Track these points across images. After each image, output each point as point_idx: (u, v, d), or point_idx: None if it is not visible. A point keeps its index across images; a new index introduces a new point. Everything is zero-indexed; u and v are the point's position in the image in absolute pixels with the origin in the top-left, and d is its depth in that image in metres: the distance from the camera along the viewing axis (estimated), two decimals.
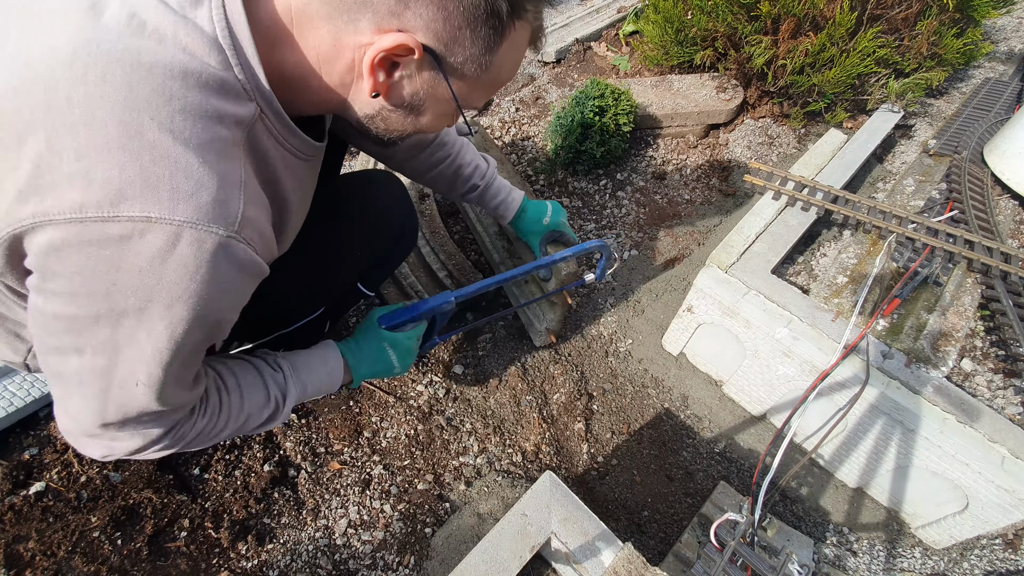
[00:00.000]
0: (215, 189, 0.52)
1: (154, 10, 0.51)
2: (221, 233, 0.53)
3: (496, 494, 1.27)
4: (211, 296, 0.56)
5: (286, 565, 1.12)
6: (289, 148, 0.67)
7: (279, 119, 0.62)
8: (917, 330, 1.29)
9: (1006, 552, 1.25)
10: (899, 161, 2.10)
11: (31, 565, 1.00)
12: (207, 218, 0.52)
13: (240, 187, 0.56)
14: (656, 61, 2.45)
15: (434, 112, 0.69)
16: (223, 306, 0.60)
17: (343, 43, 0.58)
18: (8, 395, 1.19)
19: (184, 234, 0.51)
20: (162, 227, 0.50)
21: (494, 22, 0.59)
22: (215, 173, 0.52)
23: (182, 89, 0.50)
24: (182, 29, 0.51)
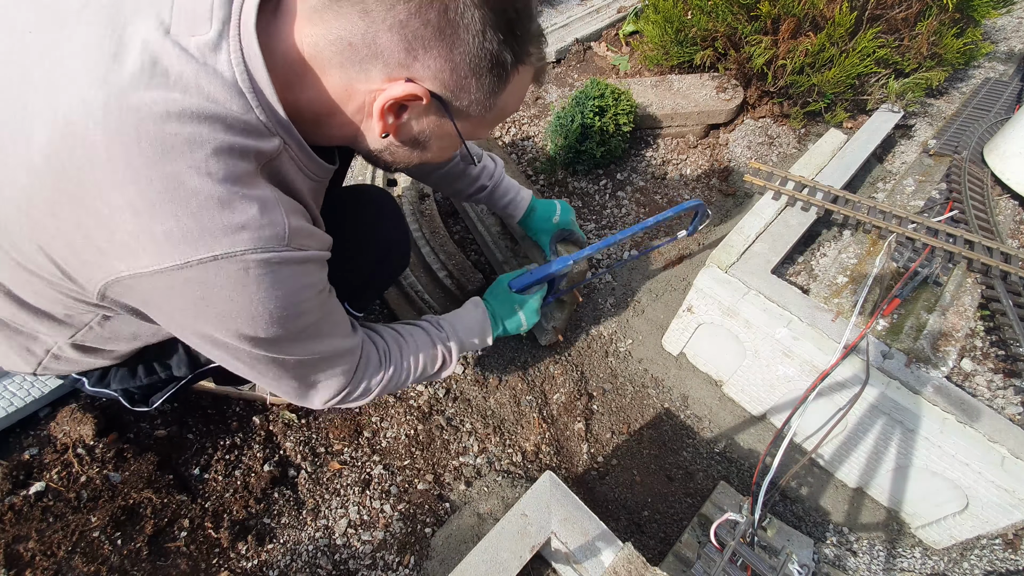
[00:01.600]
0: (259, 215, 0.57)
1: (176, 58, 0.52)
2: (278, 250, 0.59)
3: (496, 494, 1.27)
4: (295, 292, 0.64)
5: (286, 565, 1.12)
6: (308, 173, 0.70)
7: (300, 148, 0.66)
8: (917, 330, 1.29)
9: (1006, 552, 1.25)
10: (899, 161, 2.10)
11: (31, 565, 1.00)
12: (263, 241, 0.57)
13: (278, 204, 0.60)
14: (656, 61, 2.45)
15: (439, 146, 0.73)
16: (309, 293, 0.67)
17: (355, 88, 0.61)
18: (8, 395, 1.19)
19: (250, 260, 0.57)
20: (230, 261, 0.56)
21: (499, 71, 0.62)
22: (255, 200, 0.57)
23: (211, 133, 0.53)
24: (204, 78, 0.53)
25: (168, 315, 0.63)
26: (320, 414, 1.35)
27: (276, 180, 0.63)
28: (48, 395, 1.23)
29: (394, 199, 1.18)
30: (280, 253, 0.59)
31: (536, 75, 0.70)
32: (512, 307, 1.15)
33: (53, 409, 1.23)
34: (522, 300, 1.16)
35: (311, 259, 0.65)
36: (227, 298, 0.58)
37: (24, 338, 0.77)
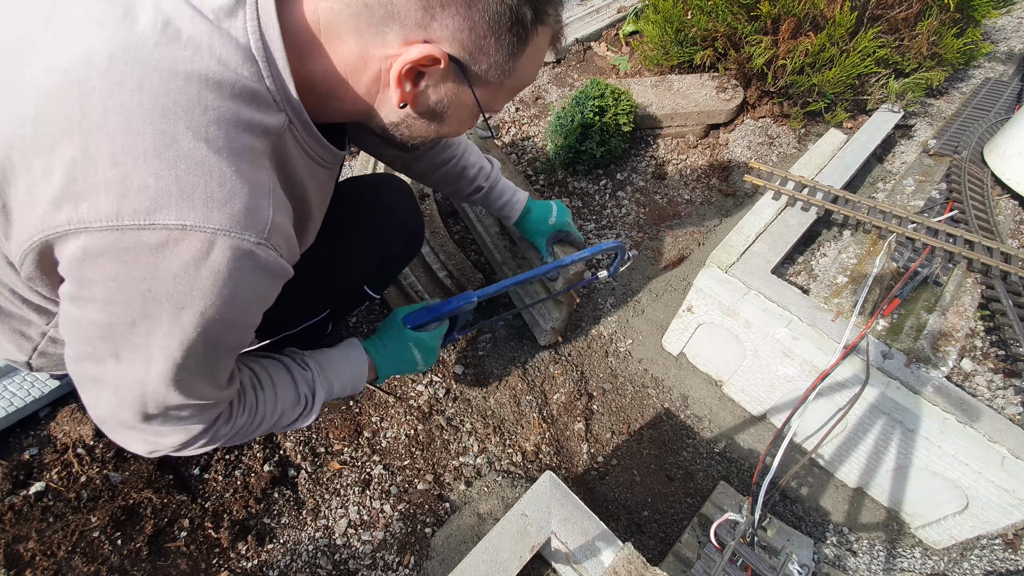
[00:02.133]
0: (247, 197, 0.53)
1: (189, 19, 0.51)
2: (252, 240, 0.54)
3: (496, 494, 1.27)
4: (243, 299, 0.58)
5: (286, 565, 1.12)
6: (314, 157, 0.68)
7: (306, 129, 0.63)
8: (917, 330, 1.29)
9: (1006, 552, 1.25)
10: (899, 161, 2.10)
11: (31, 565, 1.00)
12: (240, 226, 0.53)
13: (269, 195, 0.57)
14: (656, 61, 2.45)
15: (457, 118, 0.70)
16: (252, 308, 0.62)
17: (370, 54, 0.59)
18: (8, 395, 1.19)
19: (218, 241, 0.52)
20: (197, 235, 0.51)
21: (518, 29, 0.59)
22: (247, 181, 0.53)
23: (216, 99, 0.51)
24: (217, 40, 0.52)
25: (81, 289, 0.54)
26: (321, 413, 1.35)
27: (279, 162, 0.61)
28: (48, 395, 1.23)
29: (408, 185, 1.19)
30: (252, 244, 0.54)
31: (553, 38, 0.67)
32: (406, 345, 1.03)
33: (53, 409, 1.24)
34: (418, 339, 1.03)
35: (277, 270, 0.59)
36: (172, 275, 0.52)
37: (18, 322, 0.74)
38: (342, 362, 0.96)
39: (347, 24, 0.57)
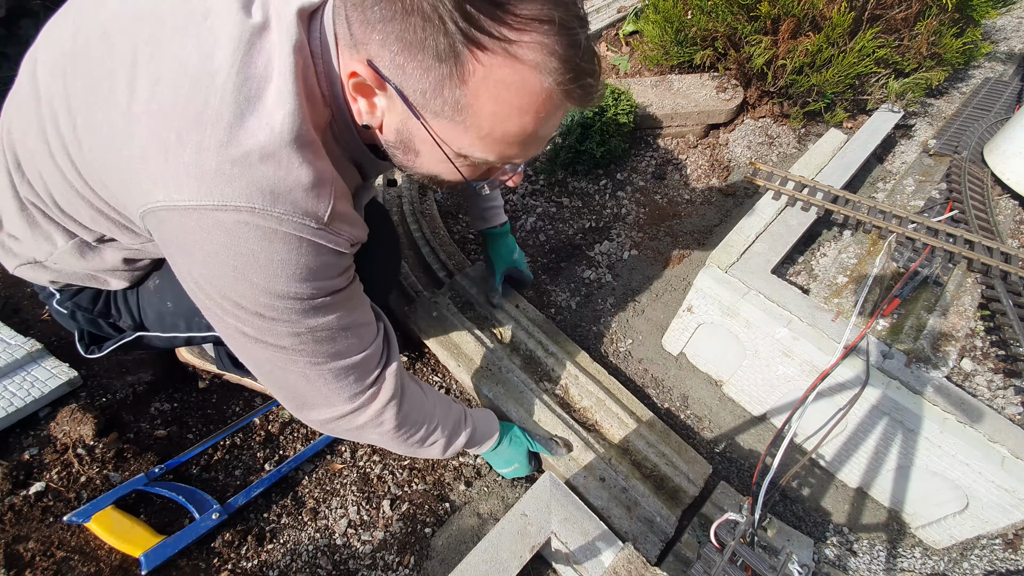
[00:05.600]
0: (309, 185, 0.58)
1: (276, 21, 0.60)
2: (312, 225, 0.59)
3: (496, 494, 1.27)
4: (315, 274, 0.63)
5: (286, 565, 1.12)
6: (353, 157, 0.72)
7: (343, 123, 0.67)
8: (917, 330, 1.29)
9: (1006, 552, 1.25)
10: (899, 161, 2.10)
11: (31, 565, 1.00)
12: (301, 212, 0.58)
13: (332, 183, 0.61)
14: (656, 61, 2.45)
15: (430, 156, 0.64)
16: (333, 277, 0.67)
17: (345, 70, 0.61)
18: (8, 395, 1.19)
19: (284, 225, 0.57)
20: (264, 217, 0.56)
21: (435, 50, 0.51)
22: (312, 170, 0.58)
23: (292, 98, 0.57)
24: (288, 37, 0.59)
25: (189, 258, 0.62)
26: None
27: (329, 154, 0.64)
28: (48, 395, 1.23)
29: (386, 211, 1.19)
30: (314, 229, 0.59)
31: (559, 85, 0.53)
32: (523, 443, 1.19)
33: (53, 409, 1.24)
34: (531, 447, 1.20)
35: (339, 248, 0.64)
36: (250, 252, 0.58)
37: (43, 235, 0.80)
38: (481, 413, 1.12)
39: (342, 40, 0.60)
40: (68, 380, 1.25)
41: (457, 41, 0.50)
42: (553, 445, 1.21)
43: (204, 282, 0.63)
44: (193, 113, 0.54)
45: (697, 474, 1.23)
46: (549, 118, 0.58)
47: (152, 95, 0.56)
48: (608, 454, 1.24)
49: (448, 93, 0.54)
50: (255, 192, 0.55)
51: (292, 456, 1.26)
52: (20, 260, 0.85)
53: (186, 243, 0.59)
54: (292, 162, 0.57)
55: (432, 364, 1.51)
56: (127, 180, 0.59)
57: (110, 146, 0.58)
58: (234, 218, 0.56)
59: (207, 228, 0.57)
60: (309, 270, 0.62)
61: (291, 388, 0.76)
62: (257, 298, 0.62)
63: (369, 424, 0.82)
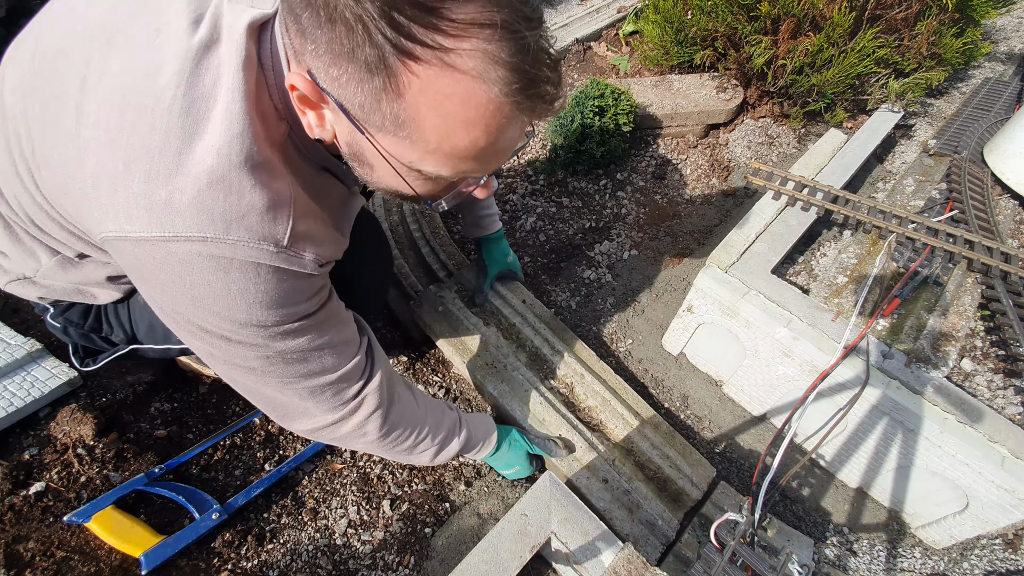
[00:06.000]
0: (263, 209, 0.56)
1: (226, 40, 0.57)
2: (271, 249, 0.57)
3: (496, 494, 1.27)
4: (280, 300, 0.61)
5: (286, 565, 1.12)
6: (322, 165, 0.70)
7: (300, 135, 0.63)
8: (917, 330, 1.29)
9: (1006, 552, 1.25)
10: (899, 161, 2.10)
11: (31, 565, 1.00)
12: (257, 236, 0.56)
13: (289, 205, 0.59)
14: (656, 61, 2.45)
15: (383, 171, 0.59)
16: (301, 302, 0.65)
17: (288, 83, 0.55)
18: (8, 395, 1.19)
19: (239, 251, 0.55)
20: (217, 245, 0.54)
21: (365, 61, 0.46)
22: (265, 194, 0.56)
23: (239, 115, 0.54)
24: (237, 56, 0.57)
25: (148, 285, 0.62)
26: None
27: (292, 170, 0.62)
28: (48, 395, 1.23)
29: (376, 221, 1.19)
30: (273, 253, 0.57)
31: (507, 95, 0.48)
32: (521, 444, 1.19)
33: (53, 409, 1.23)
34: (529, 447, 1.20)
35: (298, 271, 0.61)
36: (205, 282, 0.57)
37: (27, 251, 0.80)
38: (477, 418, 1.10)
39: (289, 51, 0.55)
40: (68, 380, 1.25)
41: (387, 52, 0.45)
42: (552, 447, 1.21)
43: (167, 308, 0.63)
44: (139, 140, 0.52)
45: (700, 477, 1.23)
46: (503, 130, 0.52)
47: (98, 120, 0.53)
48: (612, 455, 1.24)
49: (386, 107, 0.49)
50: (206, 220, 0.53)
51: (292, 456, 1.26)
52: (10, 276, 0.85)
53: (143, 272, 0.59)
54: (244, 185, 0.54)
55: (432, 364, 1.51)
56: (81, 208, 0.58)
57: (63, 173, 0.57)
58: (186, 248, 0.54)
59: (160, 259, 0.55)
60: (271, 297, 0.60)
61: (269, 401, 0.75)
62: (220, 324, 0.61)
63: (352, 434, 0.81)
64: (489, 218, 1.38)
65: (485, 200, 1.34)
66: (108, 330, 0.98)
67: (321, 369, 0.72)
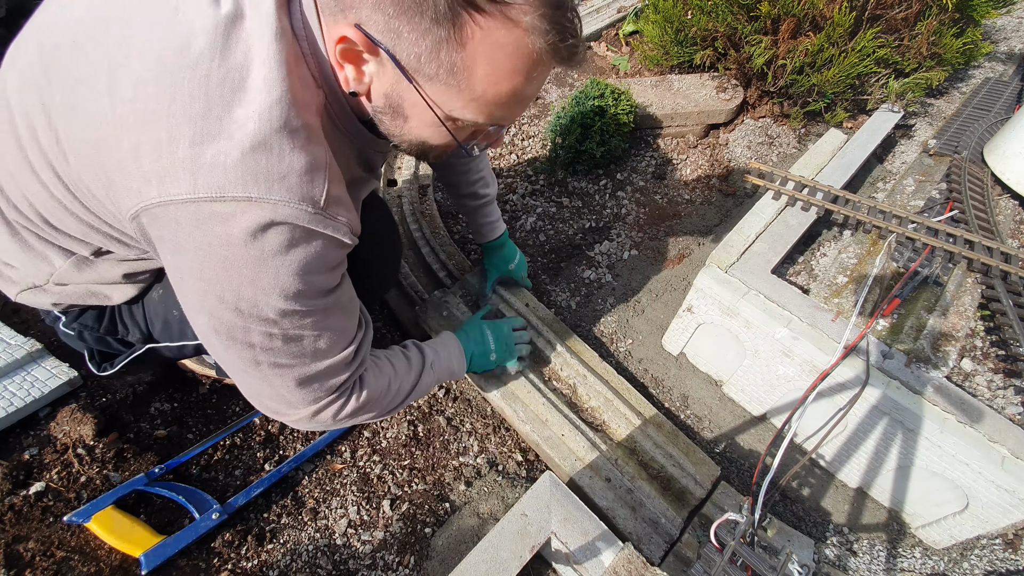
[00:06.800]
0: (303, 170, 0.58)
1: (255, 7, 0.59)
2: (309, 210, 0.59)
3: (496, 494, 1.27)
4: (308, 265, 0.63)
5: (286, 565, 1.12)
6: (345, 133, 0.72)
7: (338, 104, 0.67)
8: (917, 330, 1.29)
9: (1006, 552, 1.25)
10: (899, 161, 2.10)
11: (31, 565, 1.00)
12: (297, 197, 0.58)
13: (325, 168, 0.61)
14: (656, 61, 2.45)
15: (419, 120, 0.65)
16: (322, 272, 0.66)
17: (331, 37, 0.60)
18: (8, 395, 1.19)
19: (280, 211, 0.57)
20: (261, 205, 0.56)
21: (434, 13, 0.53)
22: (306, 155, 0.58)
23: (281, 82, 0.56)
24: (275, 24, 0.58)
25: (180, 255, 0.61)
26: None
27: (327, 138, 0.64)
28: (48, 395, 1.23)
29: (387, 207, 1.19)
30: (310, 215, 0.59)
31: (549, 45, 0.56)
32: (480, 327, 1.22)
33: (53, 409, 1.23)
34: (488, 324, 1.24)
35: (334, 235, 0.63)
36: (242, 242, 0.58)
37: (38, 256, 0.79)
38: (439, 342, 1.11)
39: (326, 7, 0.59)
40: (68, 380, 1.25)
41: (457, 4, 0.52)
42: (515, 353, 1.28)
43: (191, 275, 0.63)
44: (180, 109, 0.54)
45: (704, 476, 1.23)
46: (538, 79, 0.61)
47: (135, 95, 0.55)
48: (615, 455, 1.24)
49: (445, 56, 0.56)
50: (251, 181, 0.55)
51: (292, 456, 1.26)
52: (20, 286, 0.85)
53: (180, 238, 0.59)
54: (283, 148, 0.57)
55: None
56: (116, 185, 0.59)
57: (97, 152, 0.58)
58: (231, 209, 0.56)
59: (202, 220, 0.57)
60: (300, 263, 0.62)
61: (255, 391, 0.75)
62: (241, 292, 0.62)
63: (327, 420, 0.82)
64: (489, 226, 1.39)
65: (486, 208, 1.35)
66: (124, 331, 0.97)
67: (314, 353, 0.72)
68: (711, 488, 1.23)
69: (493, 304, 1.47)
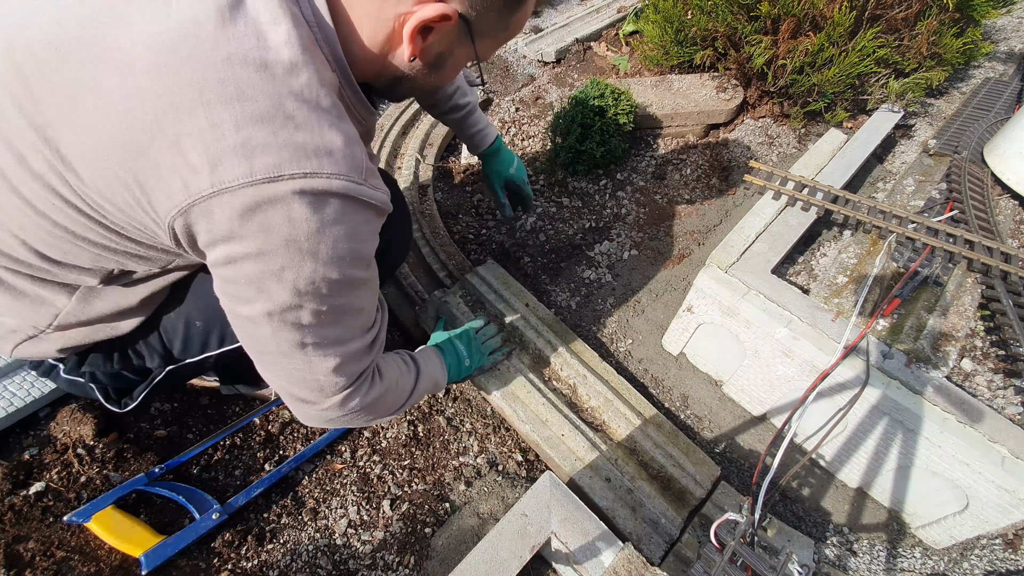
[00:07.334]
0: (344, 145, 0.60)
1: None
2: (357, 180, 0.62)
3: (496, 494, 1.27)
4: (359, 233, 0.65)
5: (286, 565, 1.12)
6: (357, 115, 0.74)
7: (351, 87, 0.70)
8: (917, 330, 1.29)
9: (1006, 552, 1.25)
10: (899, 161, 2.10)
11: (31, 565, 1.00)
12: (346, 168, 0.60)
13: (359, 142, 0.64)
14: (656, 61, 2.45)
15: (454, 68, 0.74)
16: (369, 241, 0.68)
17: (386, 13, 0.63)
18: (8, 395, 1.19)
19: (334, 184, 0.59)
20: (316, 180, 0.58)
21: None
22: (341, 132, 0.60)
23: (304, 65, 0.58)
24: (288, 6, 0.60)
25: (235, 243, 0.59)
26: None
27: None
28: (48, 395, 1.23)
29: (399, 189, 1.20)
30: (358, 185, 0.61)
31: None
32: (450, 340, 1.25)
33: (53, 409, 1.23)
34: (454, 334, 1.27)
35: (380, 204, 0.66)
36: (303, 218, 0.58)
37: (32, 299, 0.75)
38: (422, 353, 1.10)
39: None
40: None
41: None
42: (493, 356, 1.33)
43: (247, 263, 0.61)
44: (213, 95, 0.53)
45: (704, 476, 1.23)
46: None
47: (159, 89, 0.53)
48: (615, 455, 1.24)
49: (507, 18, 0.68)
50: (303, 157, 0.57)
51: (292, 456, 1.26)
52: (16, 339, 0.80)
53: (233, 226, 0.57)
54: (323, 125, 0.58)
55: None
56: (150, 187, 0.57)
57: (123, 158, 0.56)
58: (289, 187, 0.56)
59: (261, 202, 0.56)
60: (354, 232, 0.64)
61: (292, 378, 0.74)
62: (302, 268, 0.61)
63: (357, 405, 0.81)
64: (480, 134, 1.41)
65: (471, 117, 1.37)
66: (139, 360, 0.93)
67: (352, 331, 0.73)
68: (711, 488, 1.23)
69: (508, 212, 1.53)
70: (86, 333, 0.83)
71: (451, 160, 2.18)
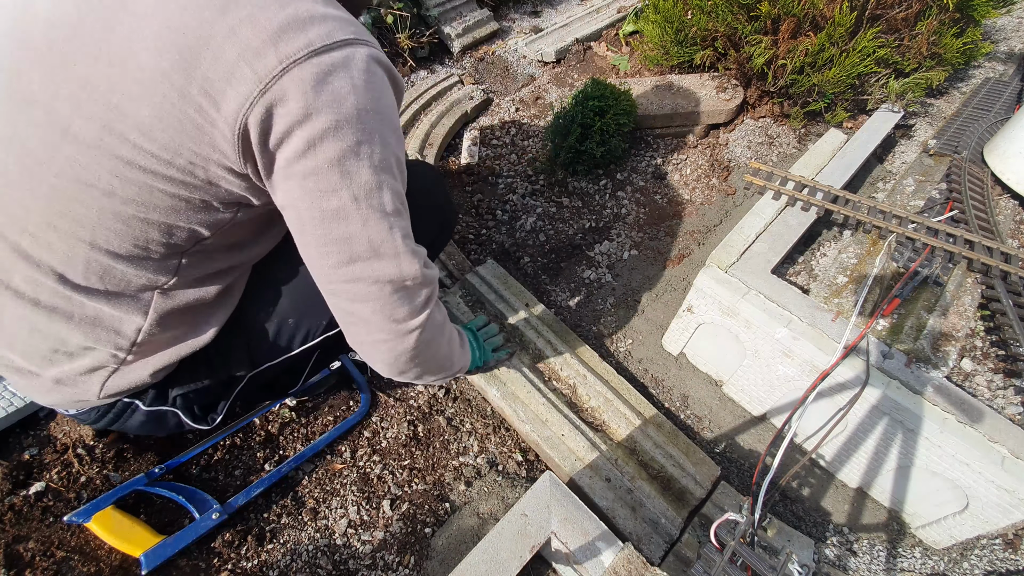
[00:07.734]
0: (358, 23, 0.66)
1: None
2: (377, 45, 0.66)
3: (496, 494, 1.27)
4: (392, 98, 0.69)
5: (286, 565, 1.12)
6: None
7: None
8: (917, 330, 1.29)
9: (1006, 552, 1.25)
10: (899, 161, 2.10)
11: (31, 565, 1.00)
12: (369, 37, 0.65)
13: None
14: (656, 61, 2.45)
15: None
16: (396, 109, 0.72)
17: None
18: (8, 395, 1.19)
19: (371, 49, 0.64)
20: (360, 46, 0.63)
21: None
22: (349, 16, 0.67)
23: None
24: None
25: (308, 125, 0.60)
26: (321, 413, 1.35)
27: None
28: None
29: (436, 170, 1.21)
30: (379, 50, 0.66)
31: None
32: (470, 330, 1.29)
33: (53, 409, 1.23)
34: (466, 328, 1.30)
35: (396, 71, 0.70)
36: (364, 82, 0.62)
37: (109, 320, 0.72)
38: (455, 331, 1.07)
39: None
40: None
41: None
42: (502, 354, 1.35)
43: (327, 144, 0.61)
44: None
45: (704, 476, 1.23)
46: None
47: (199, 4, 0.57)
48: (615, 455, 1.24)
49: None
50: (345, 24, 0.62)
51: (292, 456, 1.26)
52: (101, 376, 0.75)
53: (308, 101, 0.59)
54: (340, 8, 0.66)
55: None
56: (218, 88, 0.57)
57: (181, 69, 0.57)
58: (345, 52, 0.60)
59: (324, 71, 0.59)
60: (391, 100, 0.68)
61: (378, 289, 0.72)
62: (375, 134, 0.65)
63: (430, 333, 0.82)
64: None
65: None
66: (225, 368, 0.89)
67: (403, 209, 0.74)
68: (711, 488, 1.23)
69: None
70: (170, 352, 0.79)
71: (451, 160, 2.18)
